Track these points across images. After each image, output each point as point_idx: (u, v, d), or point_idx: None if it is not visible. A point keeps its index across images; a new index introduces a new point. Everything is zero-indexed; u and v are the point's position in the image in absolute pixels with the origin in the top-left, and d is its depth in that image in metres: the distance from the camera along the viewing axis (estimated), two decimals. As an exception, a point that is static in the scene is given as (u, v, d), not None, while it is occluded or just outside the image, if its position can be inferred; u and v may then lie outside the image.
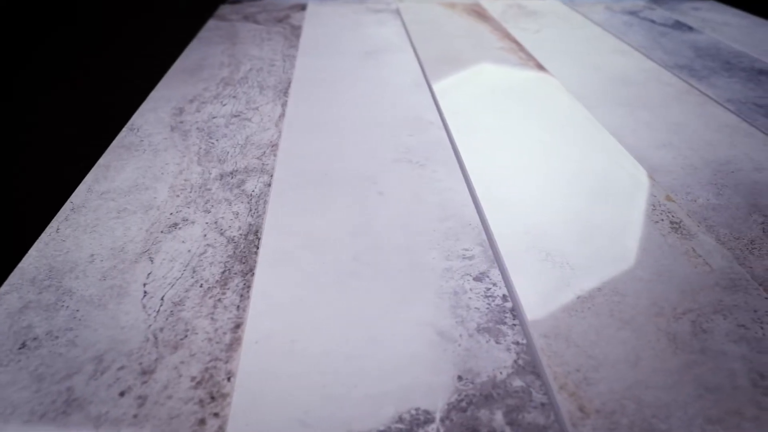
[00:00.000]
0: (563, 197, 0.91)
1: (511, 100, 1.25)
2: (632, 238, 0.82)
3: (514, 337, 0.65)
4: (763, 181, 0.97)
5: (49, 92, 1.04)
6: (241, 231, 0.83)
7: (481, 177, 0.96)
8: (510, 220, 0.85)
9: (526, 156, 1.02)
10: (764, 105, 1.25)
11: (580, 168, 0.99)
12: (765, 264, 0.78)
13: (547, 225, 0.84)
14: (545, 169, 0.98)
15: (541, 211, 0.87)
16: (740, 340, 0.65)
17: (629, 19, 1.87)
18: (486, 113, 1.18)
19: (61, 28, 1.09)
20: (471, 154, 1.03)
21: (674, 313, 0.69)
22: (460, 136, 1.09)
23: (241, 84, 1.31)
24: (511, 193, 0.91)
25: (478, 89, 1.30)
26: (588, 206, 0.89)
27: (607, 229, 0.83)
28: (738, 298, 0.71)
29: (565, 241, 0.81)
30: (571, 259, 0.77)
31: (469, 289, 0.72)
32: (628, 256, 0.78)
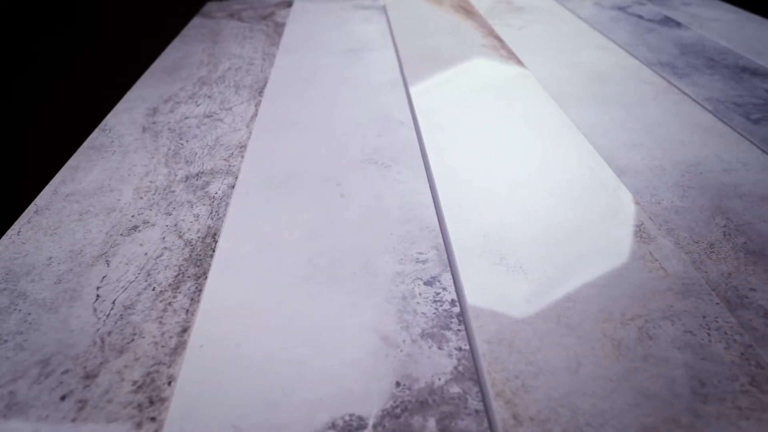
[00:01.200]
0: (525, 199, 0.90)
1: (487, 98, 1.24)
2: (590, 242, 0.81)
3: (457, 342, 0.66)
4: (730, 183, 0.96)
5: (21, 92, 1.05)
6: (200, 234, 0.83)
7: (446, 178, 0.96)
8: (469, 222, 0.85)
9: (493, 157, 1.02)
10: (743, 104, 1.24)
11: (547, 169, 0.98)
12: (721, 268, 0.78)
13: (506, 228, 0.84)
14: (510, 170, 0.98)
15: (500, 214, 0.87)
16: (685, 347, 0.65)
17: (617, 14, 1.85)
18: (459, 112, 1.18)
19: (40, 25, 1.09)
20: (438, 155, 1.02)
21: (622, 319, 0.69)
22: (430, 136, 1.09)
23: (218, 83, 1.31)
24: (473, 195, 0.91)
25: (453, 88, 1.29)
26: (549, 208, 0.88)
27: (566, 232, 0.83)
28: (689, 304, 0.71)
29: (522, 245, 0.81)
30: (525, 263, 0.77)
31: (418, 294, 0.72)
32: (584, 261, 0.78)
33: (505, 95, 1.26)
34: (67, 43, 1.21)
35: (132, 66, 1.37)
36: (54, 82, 1.16)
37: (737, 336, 0.66)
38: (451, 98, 1.24)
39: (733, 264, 0.78)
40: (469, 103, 1.22)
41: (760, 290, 0.74)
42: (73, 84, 1.19)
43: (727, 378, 0.62)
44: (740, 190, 0.94)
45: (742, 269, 0.77)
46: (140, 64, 1.39)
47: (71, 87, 1.18)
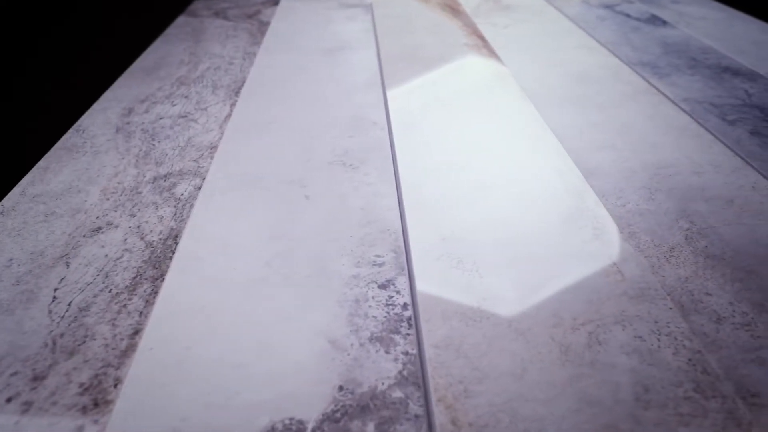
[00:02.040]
0: (489, 201, 0.90)
1: (463, 99, 1.24)
2: (550, 246, 0.81)
3: (405, 347, 0.66)
4: (698, 186, 0.96)
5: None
6: (162, 236, 0.84)
7: (412, 180, 0.96)
8: (430, 225, 0.85)
9: (462, 158, 1.02)
10: (720, 105, 1.23)
11: (515, 171, 0.98)
12: (678, 273, 0.77)
13: (466, 231, 0.84)
14: (478, 173, 0.98)
15: (463, 216, 0.87)
16: (633, 353, 0.65)
17: (604, 13, 1.84)
18: (433, 113, 1.18)
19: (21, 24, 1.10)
20: (407, 157, 1.02)
21: (573, 324, 0.69)
22: (401, 137, 1.09)
23: (196, 83, 1.32)
24: (437, 197, 0.91)
25: (430, 88, 1.29)
26: (512, 211, 0.88)
27: (526, 236, 0.83)
28: (642, 309, 0.71)
29: (481, 248, 0.81)
30: (482, 266, 0.77)
31: (371, 297, 0.72)
32: (541, 265, 0.78)
33: (482, 96, 1.26)
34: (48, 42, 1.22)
35: (112, 66, 1.38)
36: (30, 83, 1.17)
37: (687, 341, 0.66)
38: (426, 99, 1.24)
39: (692, 268, 0.78)
40: (445, 104, 1.22)
41: (715, 295, 0.74)
42: (49, 84, 1.20)
43: (671, 384, 0.61)
44: (707, 193, 0.94)
45: (699, 273, 0.77)
46: (120, 63, 1.40)
47: (47, 88, 1.19)
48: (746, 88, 1.31)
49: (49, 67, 1.22)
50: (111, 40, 1.46)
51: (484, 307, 0.71)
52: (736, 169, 1.01)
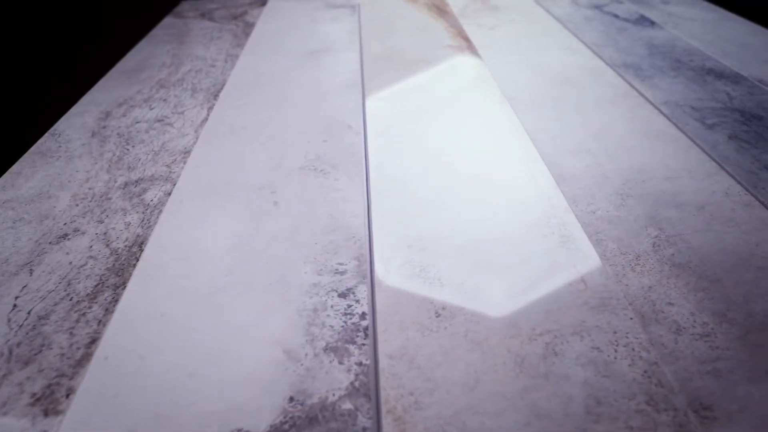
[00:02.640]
0: (458, 208, 0.90)
1: (442, 103, 1.23)
2: (514, 253, 0.81)
3: (359, 357, 0.66)
4: (671, 192, 0.95)
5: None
6: (127, 243, 0.84)
7: (381, 186, 0.95)
8: (395, 232, 0.85)
9: (434, 164, 1.01)
10: (700, 108, 1.22)
11: (486, 177, 0.98)
12: (642, 281, 0.77)
13: (432, 238, 0.83)
14: (449, 178, 0.97)
15: (430, 223, 0.87)
16: (589, 364, 0.65)
17: (592, 13, 1.83)
18: (410, 117, 1.17)
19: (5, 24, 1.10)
20: (379, 161, 1.02)
21: (531, 335, 0.68)
22: (375, 141, 1.08)
23: (176, 86, 1.32)
24: (405, 204, 0.91)
25: (409, 91, 1.28)
26: (480, 218, 0.88)
27: (492, 243, 0.83)
28: (602, 319, 0.70)
29: (445, 256, 0.80)
30: (444, 274, 0.77)
31: (330, 306, 0.72)
32: (504, 273, 0.77)
33: (460, 100, 1.25)
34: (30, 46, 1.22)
35: (93, 68, 1.38)
36: (8, 87, 1.17)
37: (644, 353, 0.66)
38: (404, 102, 1.24)
39: (656, 277, 0.77)
40: (422, 108, 1.21)
41: (677, 304, 0.73)
42: (27, 87, 1.20)
43: (624, 397, 0.61)
44: (679, 199, 0.93)
45: (664, 282, 0.77)
46: (102, 66, 1.40)
47: (24, 91, 1.19)
48: (728, 91, 1.30)
49: (28, 70, 1.22)
50: (93, 42, 1.46)
51: (442, 317, 0.71)
52: (710, 174, 1.00)
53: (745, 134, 1.12)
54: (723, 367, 0.65)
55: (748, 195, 0.94)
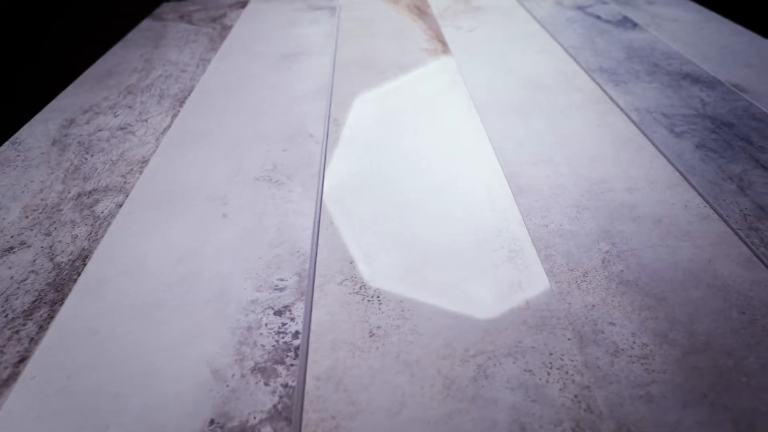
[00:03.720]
0: (410, 220, 0.89)
1: (408, 110, 1.22)
2: (459, 269, 0.80)
3: (286, 378, 0.65)
4: (629, 204, 0.93)
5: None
6: (71, 256, 0.83)
7: (334, 198, 0.94)
8: (341, 246, 0.84)
9: (392, 174, 1.00)
10: (672, 115, 1.20)
11: (443, 187, 0.96)
12: (587, 299, 0.75)
13: (377, 252, 0.82)
14: (404, 189, 0.96)
15: (377, 237, 0.85)
16: (519, 387, 0.63)
17: (575, 14, 1.80)
18: (374, 126, 1.16)
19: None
20: (336, 172, 1.01)
21: (464, 356, 0.67)
22: (335, 151, 1.07)
23: (144, 92, 1.31)
24: (356, 216, 0.90)
25: (377, 99, 1.27)
26: (429, 231, 0.86)
27: (437, 258, 0.81)
28: (539, 339, 0.69)
29: (387, 271, 0.79)
30: (384, 291, 0.76)
31: (264, 324, 0.71)
32: (445, 290, 0.76)
33: (427, 107, 1.23)
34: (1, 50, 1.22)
35: (63, 74, 1.37)
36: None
37: (577, 376, 0.65)
38: (370, 110, 1.22)
39: (601, 295, 0.76)
40: (387, 116, 1.20)
41: (619, 324, 0.71)
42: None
43: (550, 423, 0.60)
44: (636, 212, 0.91)
45: (608, 301, 0.75)
46: (72, 71, 1.39)
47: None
48: (703, 97, 1.27)
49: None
50: (65, 47, 1.45)
51: (376, 337, 0.70)
52: (672, 185, 0.98)
53: (713, 143, 1.10)
54: (657, 391, 0.63)
55: (707, 207, 0.92)
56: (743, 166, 1.03)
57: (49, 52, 1.36)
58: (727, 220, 0.89)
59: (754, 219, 0.90)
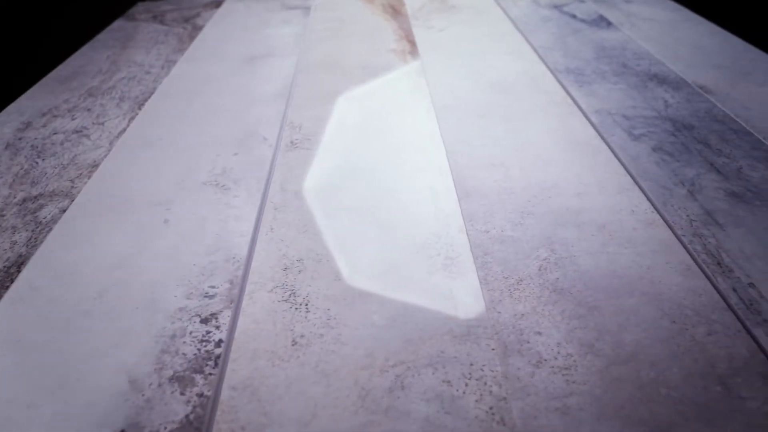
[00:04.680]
0: (350, 226, 0.88)
1: (366, 114, 1.21)
2: (392, 276, 0.79)
3: (202, 388, 0.65)
4: (575, 209, 0.92)
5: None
6: (7, 263, 0.83)
7: (278, 203, 0.94)
8: (278, 252, 0.83)
9: (340, 179, 1.00)
10: (632, 117, 1.18)
11: (390, 192, 0.96)
12: (517, 308, 0.74)
13: (312, 259, 0.82)
14: (351, 194, 0.95)
15: (317, 243, 0.85)
16: (434, 399, 0.63)
17: (550, 13, 1.78)
18: (329, 129, 1.15)
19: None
20: (283, 177, 1.00)
21: (384, 366, 0.67)
22: (285, 155, 1.07)
23: (105, 95, 1.31)
24: (297, 222, 0.89)
25: (336, 101, 1.26)
26: (370, 237, 0.86)
27: (373, 265, 0.81)
28: (462, 350, 0.68)
29: (320, 279, 0.79)
30: (313, 299, 0.76)
31: (188, 333, 0.71)
32: (376, 299, 0.76)
33: (386, 110, 1.23)
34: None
35: (28, 76, 1.37)
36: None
37: (495, 387, 0.64)
38: (326, 113, 1.21)
39: (533, 304, 0.75)
40: (343, 118, 1.19)
41: (546, 334, 0.71)
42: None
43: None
44: (581, 218, 0.90)
45: (539, 310, 0.74)
46: (37, 73, 1.39)
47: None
48: (667, 98, 1.26)
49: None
50: (31, 48, 1.45)
51: (298, 346, 0.69)
52: (622, 190, 0.97)
53: (670, 146, 1.09)
54: (574, 403, 0.63)
55: (655, 213, 0.91)
56: (697, 170, 1.02)
57: (13, 54, 1.36)
58: (673, 226, 0.88)
59: (700, 225, 0.89)
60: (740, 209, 0.92)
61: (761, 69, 1.39)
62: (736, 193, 0.96)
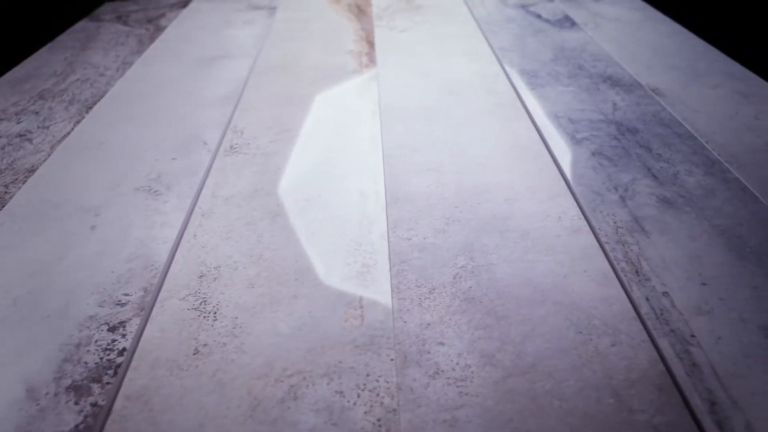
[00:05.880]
0: (275, 232, 0.88)
1: (311, 116, 1.21)
2: (308, 285, 0.79)
3: (98, 397, 0.65)
4: (503, 215, 0.92)
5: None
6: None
7: (206, 209, 0.94)
8: (195, 260, 0.83)
9: (273, 184, 1.00)
10: (578, 120, 1.18)
11: (321, 197, 0.96)
12: (424, 318, 0.74)
13: (231, 267, 0.82)
14: (281, 199, 0.96)
15: (237, 250, 0.85)
16: (324, 410, 0.63)
17: (516, 13, 1.77)
18: (271, 132, 1.15)
19: None
20: (216, 182, 1.00)
21: (280, 376, 0.67)
22: (225, 160, 1.07)
23: (55, 98, 1.31)
24: (223, 227, 0.89)
25: (284, 103, 1.26)
26: (292, 243, 0.86)
27: (292, 273, 0.81)
28: (361, 360, 0.69)
29: (235, 287, 0.79)
30: (223, 308, 0.76)
31: (94, 341, 0.72)
32: (286, 307, 0.76)
33: (332, 113, 1.22)
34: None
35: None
36: None
37: (387, 399, 0.64)
38: (271, 116, 1.21)
39: (441, 313, 0.75)
40: (287, 121, 1.19)
41: (448, 344, 0.71)
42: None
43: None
44: (507, 224, 0.90)
45: (446, 319, 0.74)
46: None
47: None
48: (617, 101, 1.25)
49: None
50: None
51: (200, 355, 0.70)
52: (554, 195, 0.96)
53: (610, 150, 1.08)
54: (463, 415, 0.63)
55: (582, 220, 0.91)
56: (633, 175, 1.01)
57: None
58: (598, 234, 0.88)
59: (625, 232, 0.88)
60: (669, 216, 0.92)
61: (717, 70, 1.38)
62: (668, 199, 0.95)
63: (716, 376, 0.67)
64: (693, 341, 0.71)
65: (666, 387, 0.66)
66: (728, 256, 0.83)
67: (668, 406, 0.64)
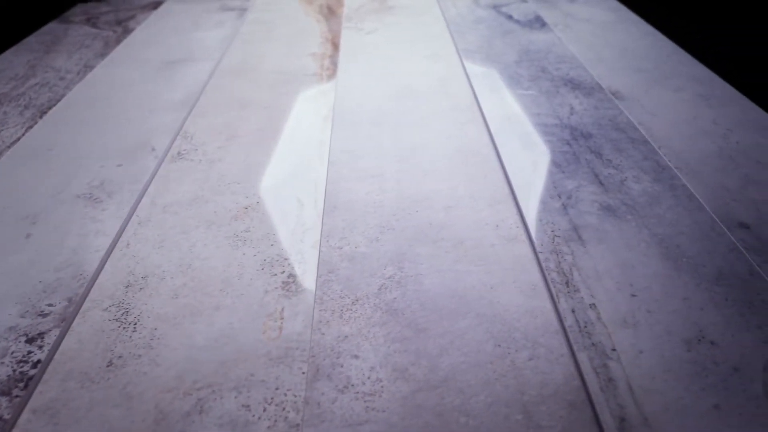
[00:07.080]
0: (207, 241, 0.88)
1: (263, 120, 1.20)
2: (230, 295, 0.79)
3: (4, 411, 0.65)
4: (439, 223, 0.91)
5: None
6: None
7: (143, 217, 0.94)
8: (125, 269, 0.83)
9: (212, 192, 0.99)
10: (534, 124, 1.16)
11: (259, 204, 0.95)
12: (343, 330, 0.74)
13: (158, 276, 0.82)
14: (219, 208, 0.95)
15: (167, 259, 0.85)
16: (228, 424, 0.63)
17: (487, 14, 1.75)
18: (221, 138, 1.15)
19: None
20: (159, 189, 1.00)
21: (189, 389, 0.67)
22: (169, 166, 1.06)
23: (12, 102, 1.31)
24: (157, 237, 0.89)
25: (237, 108, 1.25)
26: (222, 252, 0.85)
27: (218, 283, 0.81)
28: (273, 373, 0.68)
29: (160, 296, 0.78)
30: (144, 319, 0.75)
31: (10, 353, 0.71)
32: (207, 316, 0.75)
33: (284, 117, 1.22)
34: None
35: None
36: None
37: (292, 413, 0.64)
38: (224, 121, 1.21)
39: (360, 325, 0.74)
40: (238, 128, 1.18)
41: (363, 358, 0.70)
42: None
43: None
44: (442, 233, 0.89)
45: (364, 332, 0.74)
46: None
47: None
48: (575, 105, 1.23)
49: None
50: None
51: (114, 367, 0.69)
52: (495, 203, 0.95)
53: (560, 156, 1.07)
54: (366, 431, 0.62)
55: (520, 228, 0.90)
56: (579, 182, 1.00)
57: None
58: (534, 243, 0.87)
59: (562, 241, 0.87)
60: (609, 224, 0.90)
61: (682, 73, 1.36)
62: (611, 206, 0.94)
63: (630, 392, 0.66)
64: (613, 355, 0.70)
65: (578, 403, 0.65)
66: (663, 266, 0.82)
67: (577, 422, 0.63)
